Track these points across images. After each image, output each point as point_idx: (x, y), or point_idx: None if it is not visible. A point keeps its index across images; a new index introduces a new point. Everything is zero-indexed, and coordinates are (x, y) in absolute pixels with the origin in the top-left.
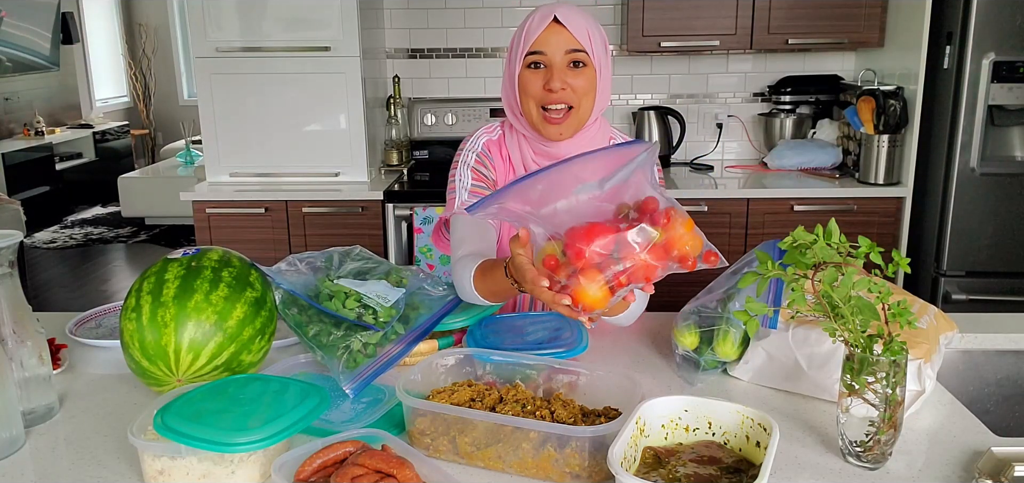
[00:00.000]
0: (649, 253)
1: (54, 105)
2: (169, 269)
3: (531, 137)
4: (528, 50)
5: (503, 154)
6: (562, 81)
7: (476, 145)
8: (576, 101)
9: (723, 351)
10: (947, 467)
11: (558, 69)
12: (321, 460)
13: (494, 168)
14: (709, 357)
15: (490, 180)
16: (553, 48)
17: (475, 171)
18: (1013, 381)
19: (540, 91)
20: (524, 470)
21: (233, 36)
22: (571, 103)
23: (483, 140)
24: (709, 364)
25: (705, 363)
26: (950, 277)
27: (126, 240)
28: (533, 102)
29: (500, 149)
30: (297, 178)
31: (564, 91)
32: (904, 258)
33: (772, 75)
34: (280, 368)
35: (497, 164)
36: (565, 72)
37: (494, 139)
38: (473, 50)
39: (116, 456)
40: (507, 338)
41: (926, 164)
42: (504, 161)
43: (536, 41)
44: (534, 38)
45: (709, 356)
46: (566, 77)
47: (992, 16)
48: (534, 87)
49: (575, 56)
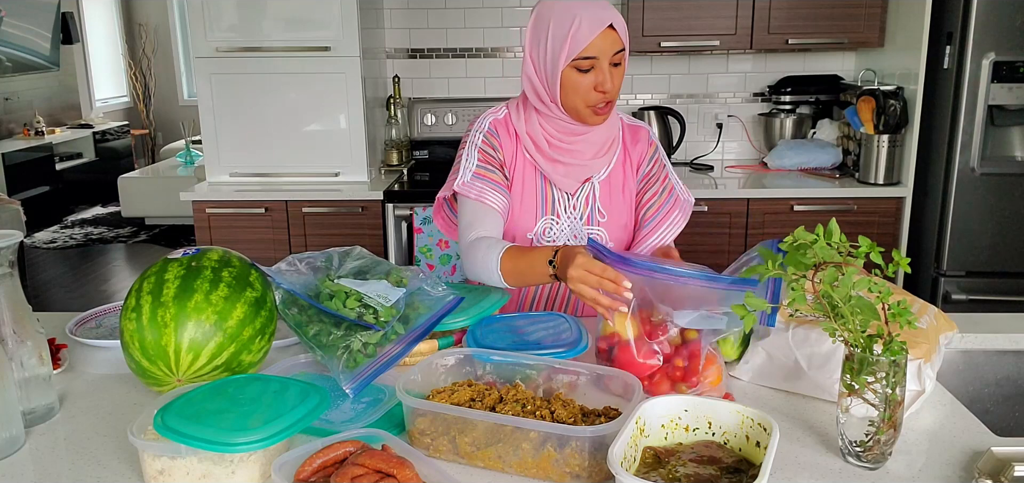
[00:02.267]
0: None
1: (54, 105)
2: (169, 269)
3: (559, 118)
4: (580, 55)
5: (510, 132)
6: (611, 82)
7: (483, 125)
8: (616, 94)
9: (723, 352)
10: (947, 467)
11: (606, 71)
12: (321, 460)
13: (501, 147)
14: None
15: (497, 160)
16: (604, 53)
17: (482, 152)
18: (1013, 381)
19: (590, 92)
20: (524, 470)
21: (233, 36)
22: (614, 97)
23: (490, 120)
24: None
25: None
26: (950, 277)
27: (126, 240)
28: (581, 101)
29: (507, 127)
30: (297, 178)
31: (612, 90)
32: (904, 258)
33: (772, 75)
34: (280, 368)
35: (504, 142)
36: (611, 71)
37: (500, 118)
38: (473, 50)
39: (116, 456)
40: (507, 338)
41: (926, 164)
42: (512, 138)
43: (589, 47)
44: (586, 43)
45: None
46: (613, 76)
47: (992, 16)
48: (584, 87)
49: (618, 56)
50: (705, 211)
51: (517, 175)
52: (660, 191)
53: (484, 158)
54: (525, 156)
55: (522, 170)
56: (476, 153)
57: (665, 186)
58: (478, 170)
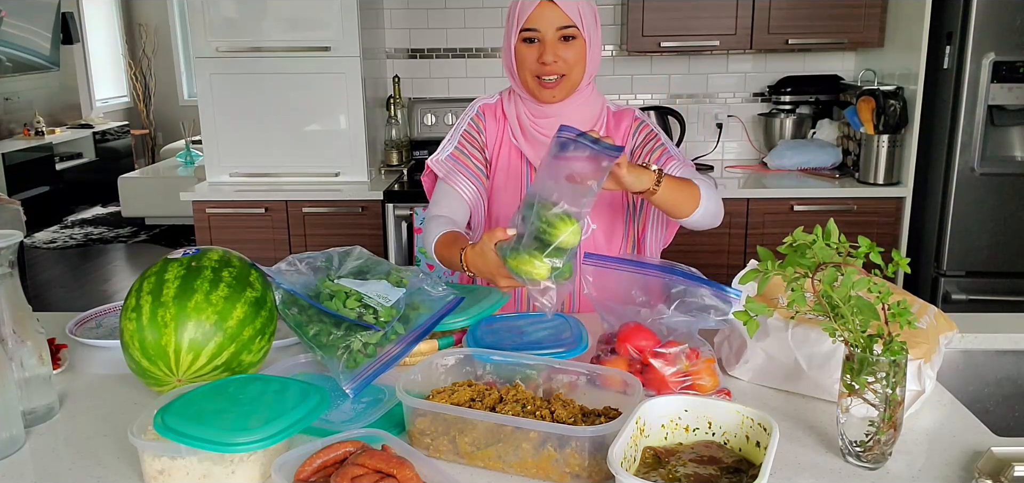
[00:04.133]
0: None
1: (54, 105)
2: (169, 269)
3: (527, 99)
4: (522, 27)
5: (497, 115)
6: (554, 54)
7: (473, 109)
8: (568, 69)
9: (531, 270)
10: (947, 467)
11: (550, 43)
12: (321, 460)
13: (486, 130)
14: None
15: (479, 142)
16: (545, 25)
17: (466, 133)
18: (1013, 381)
19: (535, 63)
20: (524, 470)
21: (233, 36)
22: (563, 72)
23: (479, 104)
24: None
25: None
26: (950, 277)
27: (126, 240)
28: (528, 73)
29: (495, 111)
30: (297, 178)
31: (556, 63)
32: (904, 258)
33: (772, 75)
34: (280, 368)
35: (489, 125)
36: (557, 45)
37: (490, 103)
38: (473, 50)
39: (116, 456)
40: (507, 338)
41: (926, 164)
42: (498, 121)
43: (528, 18)
44: (527, 16)
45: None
46: (558, 50)
47: (992, 16)
48: (529, 60)
49: (566, 32)
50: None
51: (502, 160)
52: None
53: (466, 139)
54: (512, 141)
55: (507, 155)
56: (459, 134)
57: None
58: (455, 152)
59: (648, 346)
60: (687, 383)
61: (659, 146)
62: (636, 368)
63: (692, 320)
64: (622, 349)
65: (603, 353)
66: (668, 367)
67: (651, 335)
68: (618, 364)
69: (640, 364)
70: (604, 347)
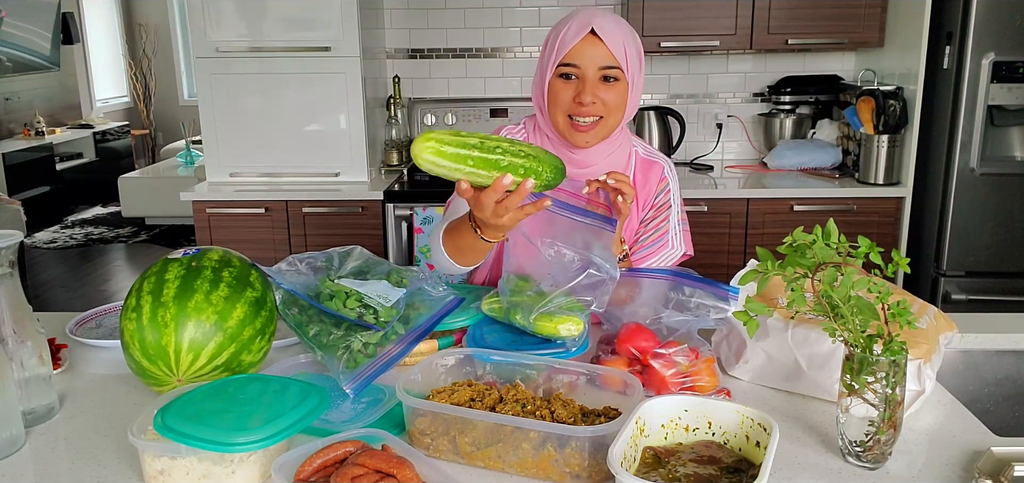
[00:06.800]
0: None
1: (54, 105)
2: (169, 269)
3: (555, 139)
4: (561, 60)
5: None
6: (593, 95)
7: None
8: (606, 112)
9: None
10: (947, 467)
11: (590, 83)
12: (321, 460)
13: None
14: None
15: None
16: (587, 62)
17: None
18: (1013, 381)
19: (570, 102)
20: (524, 470)
21: (233, 36)
22: (601, 115)
23: (504, 132)
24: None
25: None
26: (950, 277)
27: (126, 240)
28: (561, 112)
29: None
30: (297, 178)
31: (594, 104)
32: (904, 258)
33: (772, 75)
34: (280, 368)
35: None
36: (597, 86)
37: (514, 132)
38: (473, 50)
39: (116, 456)
40: (507, 338)
41: (926, 164)
42: None
43: (570, 53)
44: (568, 50)
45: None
46: (598, 91)
47: (992, 16)
48: (564, 98)
49: (609, 72)
50: (705, 211)
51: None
52: (653, 231)
53: None
54: None
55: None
56: None
57: (659, 228)
58: None
59: (648, 346)
60: (687, 383)
61: (664, 225)
62: (636, 368)
63: (692, 320)
64: (622, 349)
65: (603, 353)
66: (668, 367)
67: (651, 335)
68: (618, 364)
69: (640, 364)
70: (604, 347)
